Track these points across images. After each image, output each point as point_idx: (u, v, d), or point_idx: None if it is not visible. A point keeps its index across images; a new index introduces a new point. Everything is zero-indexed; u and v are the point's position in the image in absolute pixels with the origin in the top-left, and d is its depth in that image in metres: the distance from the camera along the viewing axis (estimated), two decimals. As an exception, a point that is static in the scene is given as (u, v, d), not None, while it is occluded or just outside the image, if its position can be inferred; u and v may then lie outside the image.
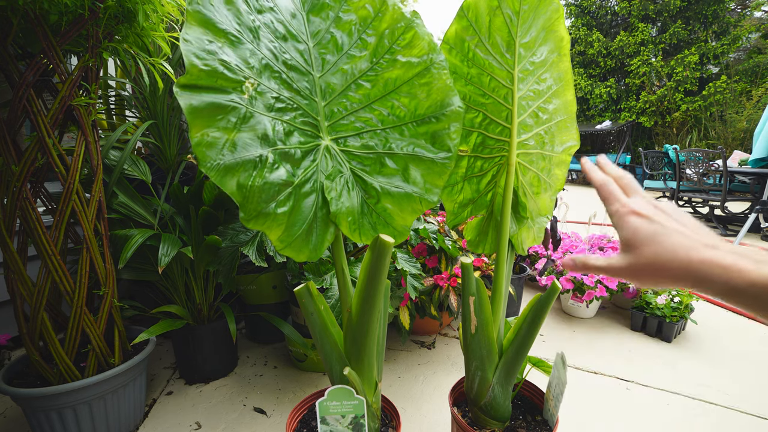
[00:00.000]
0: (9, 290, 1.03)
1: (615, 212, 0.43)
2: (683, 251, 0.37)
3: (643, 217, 0.41)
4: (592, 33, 11.73)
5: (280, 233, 0.65)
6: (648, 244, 0.39)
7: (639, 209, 0.41)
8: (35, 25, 0.90)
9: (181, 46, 0.54)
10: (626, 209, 0.42)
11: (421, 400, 1.37)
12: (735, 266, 0.34)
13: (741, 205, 5.74)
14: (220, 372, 1.49)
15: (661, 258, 0.38)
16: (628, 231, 0.41)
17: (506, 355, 0.89)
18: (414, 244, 1.58)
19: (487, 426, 0.92)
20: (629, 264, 0.40)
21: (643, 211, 0.41)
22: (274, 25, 0.67)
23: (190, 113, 0.54)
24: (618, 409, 1.34)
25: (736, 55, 10.54)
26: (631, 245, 0.40)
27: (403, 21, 0.75)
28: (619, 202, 0.43)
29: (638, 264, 0.39)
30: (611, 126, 10.19)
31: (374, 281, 0.73)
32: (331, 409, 0.79)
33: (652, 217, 0.40)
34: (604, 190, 0.46)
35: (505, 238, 0.90)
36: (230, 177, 0.58)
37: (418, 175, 0.77)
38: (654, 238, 0.39)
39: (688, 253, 0.36)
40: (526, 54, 0.88)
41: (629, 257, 0.40)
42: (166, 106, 1.57)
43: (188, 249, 1.25)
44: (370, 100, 0.75)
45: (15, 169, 0.96)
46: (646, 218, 0.40)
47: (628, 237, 0.41)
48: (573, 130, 0.99)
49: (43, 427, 1.04)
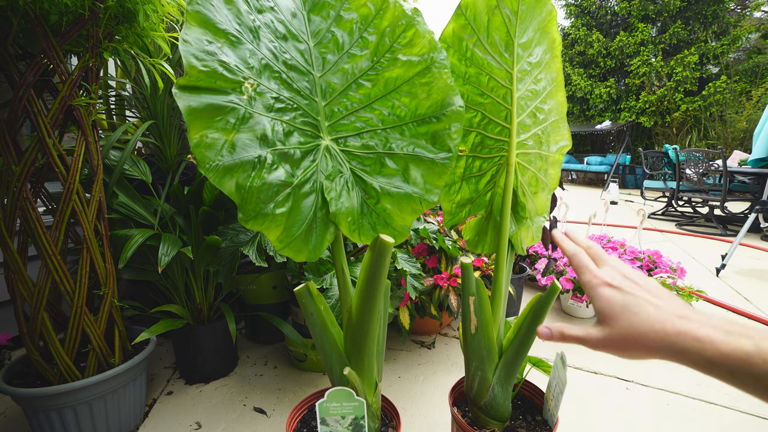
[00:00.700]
0: (9, 290, 1.03)
1: (587, 283, 0.44)
2: (658, 324, 0.37)
3: (614, 288, 0.41)
4: (592, 33, 11.73)
5: (278, 234, 0.65)
6: (622, 316, 0.39)
7: (610, 280, 0.42)
8: (35, 25, 0.91)
9: (180, 48, 0.54)
10: (598, 280, 0.43)
11: (421, 400, 1.37)
12: (708, 338, 0.34)
13: (741, 205, 5.75)
14: (220, 372, 1.49)
15: (636, 330, 0.38)
16: (601, 302, 0.41)
17: (506, 355, 0.89)
18: (414, 244, 1.58)
19: (487, 426, 0.92)
20: (606, 336, 0.40)
21: (615, 282, 0.42)
22: (275, 25, 0.67)
23: (188, 115, 0.54)
24: (618, 409, 1.34)
25: (736, 55, 10.54)
26: (606, 317, 0.41)
27: (404, 18, 0.75)
28: (591, 273, 0.44)
29: (614, 336, 0.39)
30: (611, 126, 10.18)
31: (374, 281, 0.73)
32: (331, 410, 0.79)
33: (624, 288, 0.41)
34: (576, 260, 0.47)
35: (505, 238, 0.90)
36: (229, 178, 0.58)
37: (418, 176, 0.77)
38: (627, 308, 0.39)
39: (663, 325, 0.37)
40: (524, 54, 0.88)
41: (605, 329, 0.40)
42: (167, 106, 1.57)
43: (188, 249, 1.25)
44: (371, 100, 0.75)
45: (15, 169, 0.96)
46: (617, 289, 0.41)
47: (602, 308, 0.41)
48: (565, 130, 1.00)
49: (43, 427, 1.04)
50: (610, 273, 0.43)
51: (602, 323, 0.41)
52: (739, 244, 2.92)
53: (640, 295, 0.40)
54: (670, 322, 0.36)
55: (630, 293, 0.40)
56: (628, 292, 0.41)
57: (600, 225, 3.09)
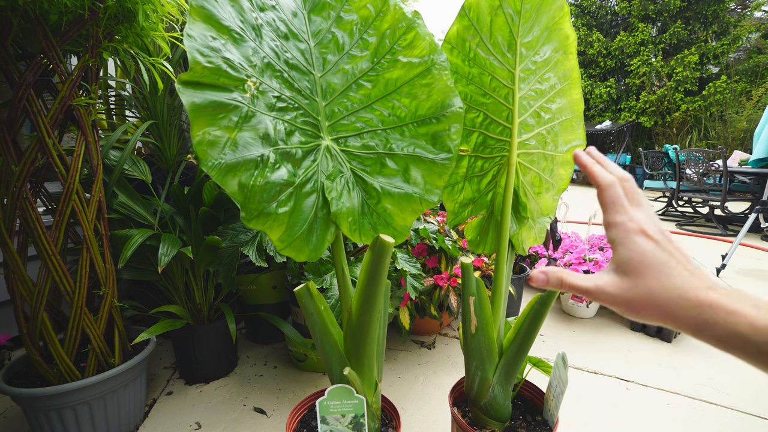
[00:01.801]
0: (9, 290, 1.03)
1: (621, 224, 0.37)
2: (692, 291, 0.33)
3: (651, 239, 0.35)
4: (592, 33, 11.73)
5: (281, 233, 0.65)
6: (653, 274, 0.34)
7: (648, 229, 0.36)
8: (35, 25, 0.90)
9: (185, 42, 0.54)
10: (634, 224, 0.36)
11: (421, 400, 1.37)
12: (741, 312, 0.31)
13: (741, 205, 5.75)
14: (220, 372, 1.49)
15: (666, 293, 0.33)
16: (634, 252, 0.35)
17: (506, 355, 0.89)
18: (414, 244, 1.58)
19: (487, 426, 0.92)
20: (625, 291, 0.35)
21: (652, 233, 0.36)
22: (276, 24, 0.67)
23: (192, 111, 0.54)
24: (618, 409, 1.34)
25: (736, 55, 10.54)
26: (633, 270, 0.35)
27: (404, 21, 0.75)
28: (627, 214, 0.37)
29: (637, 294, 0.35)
30: (611, 126, 10.19)
31: (374, 281, 0.73)
32: (332, 408, 0.79)
33: (661, 243, 0.35)
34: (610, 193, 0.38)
35: (506, 238, 0.90)
36: (231, 176, 0.58)
37: (418, 176, 0.77)
38: (661, 267, 0.34)
39: (696, 293, 0.32)
40: (528, 53, 0.88)
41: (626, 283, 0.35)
42: (166, 106, 1.56)
43: (188, 249, 1.25)
44: (371, 101, 0.75)
45: (15, 169, 0.96)
46: (654, 242, 0.35)
47: (632, 259, 0.35)
48: (579, 129, 0.98)
49: (43, 427, 1.04)
50: (647, 220, 0.36)
51: (624, 275, 0.35)
52: (739, 244, 2.92)
53: (675, 255, 0.35)
54: (703, 291, 0.32)
55: (666, 250, 0.35)
56: (665, 248, 0.35)
57: (600, 225, 3.09)
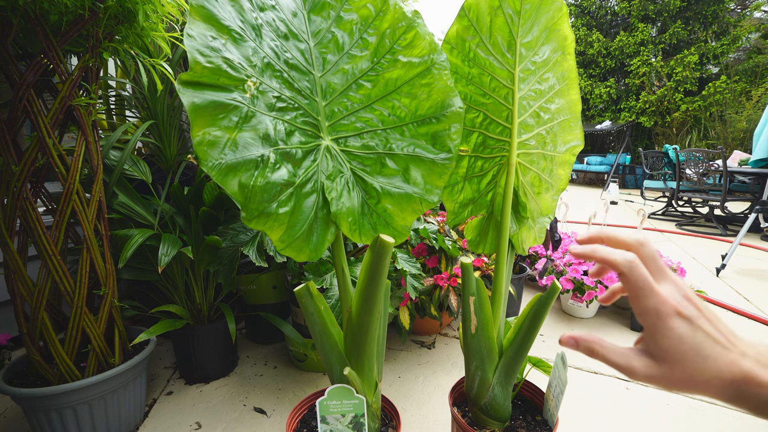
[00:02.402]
0: (9, 290, 1.03)
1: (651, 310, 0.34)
2: (726, 368, 0.32)
3: (685, 319, 0.34)
4: (592, 33, 11.73)
5: (281, 233, 0.65)
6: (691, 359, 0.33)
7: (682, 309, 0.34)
8: (35, 25, 0.90)
9: (185, 42, 0.54)
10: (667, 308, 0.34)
11: (421, 400, 1.37)
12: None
13: (741, 205, 5.75)
14: (220, 372, 1.49)
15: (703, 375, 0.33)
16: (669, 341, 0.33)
17: (506, 355, 0.89)
18: (414, 244, 1.58)
19: (487, 426, 0.92)
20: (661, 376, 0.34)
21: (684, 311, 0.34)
22: (276, 24, 0.67)
23: (192, 111, 0.54)
24: (618, 409, 1.34)
25: (736, 55, 10.54)
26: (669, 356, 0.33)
27: (404, 21, 0.75)
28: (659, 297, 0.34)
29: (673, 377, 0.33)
30: (611, 126, 10.19)
31: (374, 281, 0.73)
32: (332, 408, 0.79)
33: (693, 320, 0.34)
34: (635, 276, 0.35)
35: (505, 238, 0.90)
36: (232, 176, 0.58)
37: (418, 176, 0.77)
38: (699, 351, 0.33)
39: (730, 369, 0.32)
40: (528, 54, 0.88)
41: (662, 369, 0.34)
42: (166, 106, 1.56)
43: (188, 249, 1.25)
44: (371, 101, 0.75)
45: (15, 169, 0.96)
46: (687, 321, 0.34)
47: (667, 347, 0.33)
48: (577, 129, 0.98)
49: (43, 427, 1.04)
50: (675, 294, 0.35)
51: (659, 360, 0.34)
52: (739, 244, 2.92)
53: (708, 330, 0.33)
54: (736, 366, 0.32)
55: (701, 328, 0.33)
56: (699, 326, 0.33)
57: (600, 225, 3.09)
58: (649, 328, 0.34)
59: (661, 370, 0.34)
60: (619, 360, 0.35)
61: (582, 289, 1.94)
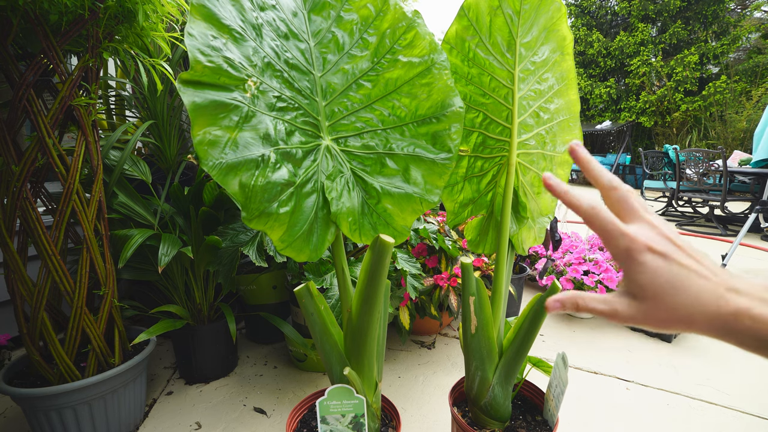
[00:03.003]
0: (9, 290, 1.03)
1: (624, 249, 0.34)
2: (711, 301, 0.32)
3: (658, 254, 0.34)
4: (592, 33, 11.73)
5: (281, 233, 0.65)
6: (669, 293, 0.33)
7: (652, 244, 0.34)
8: (35, 25, 0.90)
9: (186, 41, 0.54)
10: (638, 245, 0.34)
11: (421, 400, 1.37)
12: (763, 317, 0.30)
13: (741, 205, 5.75)
14: (220, 372, 1.49)
15: (685, 308, 0.32)
16: (644, 275, 0.34)
17: (506, 355, 0.89)
18: (414, 244, 1.58)
19: (487, 426, 0.92)
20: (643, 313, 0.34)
21: (658, 247, 0.34)
22: (276, 23, 0.67)
23: (193, 110, 0.54)
24: (618, 409, 1.34)
25: (736, 55, 10.54)
26: (647, 292, 0.34)
27: (404, 21, 0.75)
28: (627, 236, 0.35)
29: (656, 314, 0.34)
30: (611, 126, 10.19)
31: (374, 281, 0.73)
32: (332, 408, 0.79)
33: (669, 255, 0.34)
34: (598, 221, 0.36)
35: (505, 238, 0.90)
36: (232, 176, 0.58)
37: (418, 176, 0.77)
38: (675, 283, 0.33)
39: (717, 302, 0.32)
40: (527, 54, 0.88)
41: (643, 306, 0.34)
42: (166, 106, 1.56)
43: (188, 249, 1.25)
44: (371, 100, 0.75)
45: (15, 169, 0.96)
46: (662, 256, 0.34)
47: (644, 282, 0.34)
48: (576, 129, 0.98)
49: (43, 427, 1.04)
50: (648, 233, 0.35)
51: (639, 298, 0.34)
52: (739, 244, 2.92)
53: (686, 263, 0.33)
54: (723, 299, 0.31)
55: (676, 261, 0.33)
56: (675, 259, 0.33)
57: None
58: (625, 269, 0.35)
59: (642, 307, 0.34)
60: (602, 306, 0.36)
61: (582, 289, 1.94)
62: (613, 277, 1.90)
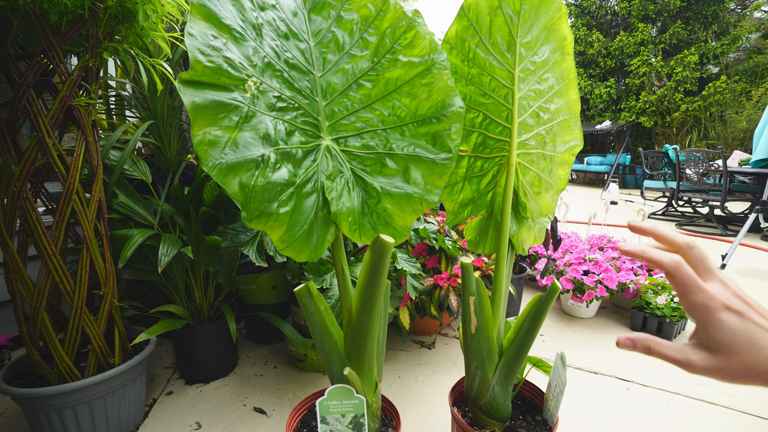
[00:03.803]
0: (9, 290, 1.03)
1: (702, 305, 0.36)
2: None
3: (734, 312, 0.36)
4: (592, 33, 11.73)
5: (281, 233, 0.65)
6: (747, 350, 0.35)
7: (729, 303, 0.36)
8: (35, 25, 0.90)
9: (186, 41, 0.54)
10: (716, 303, 0.36)
11: (421, 400, 1.37)
12: None
13: (741, 205, 5.75)
14: (220, 372, 1.49)
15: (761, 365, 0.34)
16: (723, 332, 0.35)
17: (506, 355, 0.89)
18: (414, 244, 1.58)
19: (487, 426, 0.92)
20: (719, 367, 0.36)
21: (734, 305, 0.36)
22: (276, 23, 0.67)
23: (193, 111, 0.54)
24: (618, 409, 1.34)
25: (736, 55, 10.54)
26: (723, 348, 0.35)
27: (404, 20, 0.75)
28: (705, 293, 0.36)
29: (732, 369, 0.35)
30: (611, 126, 10.19)
31: (374, 281, 0.73)
32: (332, 408, 0.79)
33: (744, 313, 0.36)
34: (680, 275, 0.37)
35: (505, 238, 0.90)
36: (232, 176, 0.58)
37: (418, 176, 0.77)
38: (752, 341, 0.35)
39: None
40: (527, 54, 0.88)
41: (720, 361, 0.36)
42: (166, 106, 1.56)
43: (188, 249, 1.25)
44: (371, 100, 0.75)
45: (15, 169, 0.96)
46: (738, 314, 0.36)
47: (720, 338, 0.35)
48: (576, 129, 0.98)
49: (43, 427, 1.04)
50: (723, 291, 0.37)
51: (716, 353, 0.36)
52: (739, 244, 2.92)
53: (760, 322, 0.35)
54: None
55: (752, 320, 0.35)
56: (750, 318, 0.35)
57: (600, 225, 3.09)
58: (701, 323, 0.37)
59: (718, 361, 0.36)
60: (676, 354, 0.37)
61: (582, 289, 1.94)
62: (613, 277, 1.90)
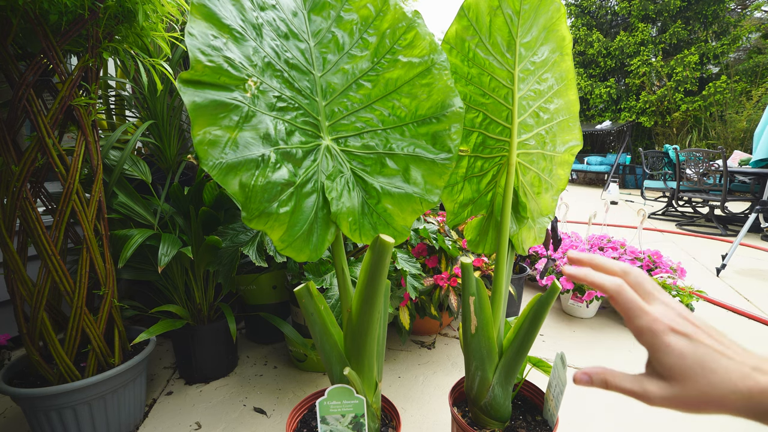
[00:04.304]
0: (9, 290, 1.03)
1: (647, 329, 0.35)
2: (740, 382, 0.32)
3: (681, 335, 0.34)
4: (592, 33, 11.73)
5: (281, 233, 0.65)
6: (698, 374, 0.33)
7: (675, 325, 0.35)
8: (35, 25, 0.90)
9: (186, 41, 0.54)
10: (661, 325, 0.35)
11: (421, 400, 1.37)
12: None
13: (741, 205, 5.75)
14: (220, 372, 1.49)
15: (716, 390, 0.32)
16: (671, 357, 0.34)
17: (506, 355, 0.89)
18: (414, 244, 1.58)
19: (487, 426, 0.92)
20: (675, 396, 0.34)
21: (680, 328, 0.34)
22: (277, 23, 0.67)
23: (193, 110, 0.54)
24: (618, 409, 1.34)
25: (736, 55, 10.54)
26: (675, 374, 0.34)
27: (404, 21, 0.75)
28: (649, 315, 0.35)
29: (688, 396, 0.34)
30: (611, 126, 10.19)
31: (374, 281, 0.73)
32: (331, 408, 0.79)
33: (692, 336, 0.34)
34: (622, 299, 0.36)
35: (505, 238, 0.90)
36: (233, 176, 0.58)
37: (418, 176, 0.77)
38: (703, 364, 0.33)
39: (745, 383, 0.32)
40: (527, 54, 0.88)
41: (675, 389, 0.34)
42: (166, 106, 1.56)
43: (188, 249, 1.25)
44: (371, 100, 0.75)
45: (15, 169, 0.96)
46: (686, 337, 0.34)
47: (673, 364, 0.34)
48: (576, 129, 0.99)
49: (43, 427, 1.04)
50: (668, 313, 0.36)
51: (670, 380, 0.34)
52: (739, 244, 2.92)
53: (709, 344, 0.34)
54: (752, 379, 0.32)
55: (700, 341, 0.34)
56: (698, 340, 0.34)
57: (600, 225, 3.09)
58: (650, 348, 0.35)
59: (674, 389, 0.34)
60: (633, 386, 0.36)
61: (582, 289, 1.94)
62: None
